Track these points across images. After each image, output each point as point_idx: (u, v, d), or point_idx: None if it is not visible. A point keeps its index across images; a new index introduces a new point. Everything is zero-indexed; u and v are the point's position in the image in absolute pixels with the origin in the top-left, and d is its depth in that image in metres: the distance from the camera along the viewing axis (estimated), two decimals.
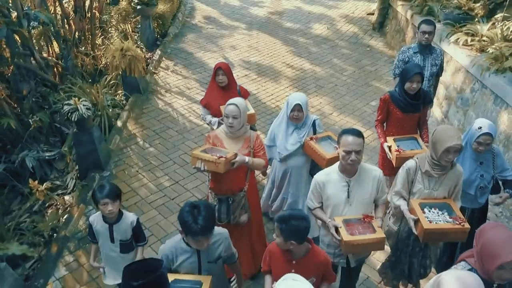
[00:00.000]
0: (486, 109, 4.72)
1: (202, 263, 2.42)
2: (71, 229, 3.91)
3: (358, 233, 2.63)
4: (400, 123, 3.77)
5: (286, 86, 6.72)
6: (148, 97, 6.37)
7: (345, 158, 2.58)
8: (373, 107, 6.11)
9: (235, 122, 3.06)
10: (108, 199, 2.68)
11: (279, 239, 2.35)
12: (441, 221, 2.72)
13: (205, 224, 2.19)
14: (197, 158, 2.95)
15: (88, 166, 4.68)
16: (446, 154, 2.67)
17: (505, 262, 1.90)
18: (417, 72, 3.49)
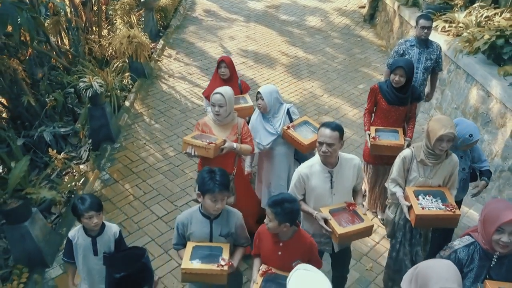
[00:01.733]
0: (459, 87, 5.23)
1: (213, 234, 2.53)
2: (87, 189, 4.42)
3: (346, 223, 2.68)
4: (385, 114, 3.84)
5: (281, 72, 7.23)
6: (153, 81, 6.87)
7: (318, 148, 2.67)
8: (361, 90, 6.62)
9: (221, 110, 3.17)
10: (93, 212, 2.54)
11: (273, 223, 2.36)
12: (433, 207, 2.78)
13: (222, 180, 2.37)
14: (188, 144, 3.09)
15: (100, 139, 5.18)
16: (439, 143, 2.74)
17: (504, 222, 2.00)
18: (399, 66, 3.59)
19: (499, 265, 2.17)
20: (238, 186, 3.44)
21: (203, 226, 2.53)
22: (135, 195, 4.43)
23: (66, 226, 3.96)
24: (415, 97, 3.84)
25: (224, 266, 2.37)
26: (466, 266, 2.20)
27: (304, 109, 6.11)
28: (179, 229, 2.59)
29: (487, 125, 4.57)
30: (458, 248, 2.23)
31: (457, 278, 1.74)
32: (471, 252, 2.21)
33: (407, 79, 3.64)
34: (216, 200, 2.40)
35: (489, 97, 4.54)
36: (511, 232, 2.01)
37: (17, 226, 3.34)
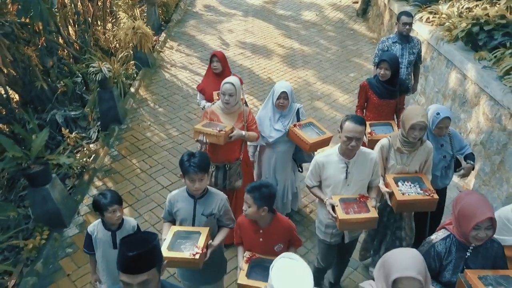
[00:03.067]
0: (440, 72, 5.65)
1: (196, 213, 2.64)
2: (98, 164, 4.84)
3: (353, 212, 2.72)
4: (377, 108, 3.96)
5: (277, 62, 7.65)
6: (156, 70, 7.29)
7: (346, 143, 2.66)
8: (352, 77, 7.04)
9: (231, 99, 3.32)
10: (116, 205, 2.63)
11: (252, 209, 2.43)
12: (413, 192, 2.90)
13: (198, 162, 2.47)
14: (199, 132, 3.23)
15: (108, 120, 5.60)
16: (412, 131, 2.86)
17: (480, 221, 2.08)
18: (383, 59, 3.75)
19: (475, 255, 2.26)
20: (244, 172, 3.58)
21: (188, 204, 2.64)
22: (142, 169, 4.86)
23: (80, 194, 4.39)
24: (403, 89, 3.99)
25: (196, 255, 2.42)
26: (445, 259, 2.28)
27: (298, 95, 6.53)
28: (167, 206, 2.73)
29: (464, 105, 4.99)
30: (436, 242, 2.30)
31: (418, 267, 1.78)
32: (448, 245, 2.29)
33: (393, 71, 3.76)
34: (193, 180, 2.50)
35: (466, 79, 4.96)
36: (487, 227, 2.12)
37: (39, 189, 3.76)
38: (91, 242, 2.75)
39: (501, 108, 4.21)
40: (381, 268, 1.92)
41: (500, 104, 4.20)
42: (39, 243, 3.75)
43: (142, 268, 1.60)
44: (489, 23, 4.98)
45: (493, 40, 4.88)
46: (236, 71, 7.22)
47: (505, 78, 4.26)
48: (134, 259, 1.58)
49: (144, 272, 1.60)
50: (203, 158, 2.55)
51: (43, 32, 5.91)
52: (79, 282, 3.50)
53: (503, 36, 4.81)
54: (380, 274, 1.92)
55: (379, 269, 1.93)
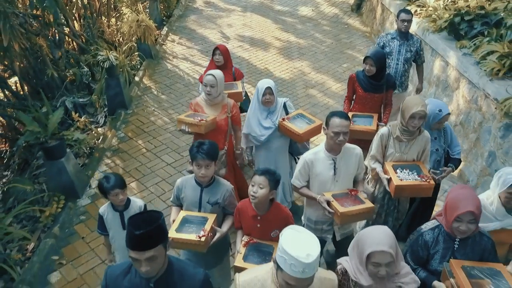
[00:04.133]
0: (426, 60, 6.00)
1: (202, 201, 2.73)
2: (107, 144, 5.22)
3: (349, 205, 2.77)
4: (362, 101, 4.06)
5: (274, 54, 8.02)
6: (159, 61, 7.66)
7: (334, 138, 2.74)
8: (344, 68, 7.42)
9: (212, 90, 3.43)
10: (118, 189, 2.73)
11: (264, 190, 2.48)
12: (410, 179, 3.00)
13: (206, 150, 2.60)
14: (182, 122, 3.39)
15: (115, 106, 5.97)
16: (412, 120, 2.94)
17: (461, 213, 2.15)
18: (367, 56, 3.86)
19: (463, 247, 2.31)
20: (229, 161, 3.70)
21: (194, 191, 2.73)
22: (147, 148, 5.23)
23: (91, 170, 4.78)
24: (390, 84, 4.05)
25: (202, 238, 2.51)
26: (432, 248, 2.36)
27: (293, 84, 6.92)
28: (175, 191, 2.83)
29: (446, 89, 5.37)
30: (424, 231, 2.39)
31: (389, 242, 1.93)
32: (436, 235, 2.36)
33: (378, 67, 3.85)
34: (200, 166, 2.60)
35: (448, 66, 5.35)
36: (469, 221, 2.18)
37: (55, 161, 4.14)
38: (103, 223, 2.86)
39: (477, 90, 4.59)
40: (355, 246, 2.07)
41: (477, 87, 4.58)
42: (56, 211, 4.13)
43: (149, 245, 1.70)
44: (470, 14, 5.36)
45: (473, 29, 5.26)
46: (235, 62, 7.54)
47: (481, 62, 4.64)
48: (141, 237, 1.67)
49: (151, 249, 1.70)
50: (212, 146, 2.65)
51: (54, 24, 6.28)
52: (92, 244, 3.88)
53: (482, 26, 5.19)
54: (355, 251, 2.07)
55: (353, 247, 2.09)
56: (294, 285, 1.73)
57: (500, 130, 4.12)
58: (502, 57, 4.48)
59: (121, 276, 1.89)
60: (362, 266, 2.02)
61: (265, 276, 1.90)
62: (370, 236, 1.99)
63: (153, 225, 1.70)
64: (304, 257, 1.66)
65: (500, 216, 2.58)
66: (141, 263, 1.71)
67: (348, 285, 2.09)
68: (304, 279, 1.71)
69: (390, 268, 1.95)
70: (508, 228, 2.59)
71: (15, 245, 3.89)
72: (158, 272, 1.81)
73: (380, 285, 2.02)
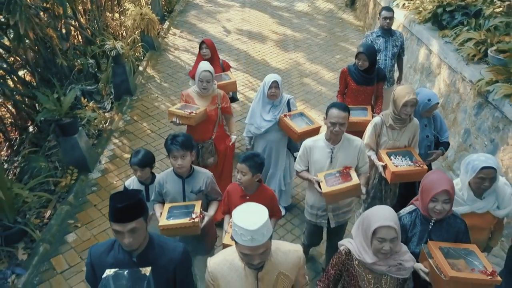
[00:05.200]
0: (412, 50, 6.43)
1: (185, 192, 2.81)
2: (114, 126, 5.62)
3: (336, 184, 2.87)
4: (355, 94, 4.21)
5: (271, 46, 8.43)
6: (161, 53, 8.07)
7: (330, 128, 2.86)
8: (337, 59, 7.83)
9: (208, 86, 3.60)
10: (137, 166, 2.95)
11: (247, 176, 2.67)
12: (404, 165, 3.17)
13: (179, 140, 2.69)
14: (173, 114, 3.52)
15: (121, 92, 6.38)
16: (404, 108, 3.11)
17: (437, 193, 2.26)
18: (360, 52, 4.01)
19: (438, 228, 2.41)
20: (219, 149, 3.85)
21: (177, 184, 2.81)
22: (151, 130, 5.64)
23: (101, 148, 5.20)
24: (380, 77, 4.23)
25: (196, 219, 2.60)
26: (410, 231, 2.46)
27: (288, 73, 7.32)
28: (156, 187, 2.87)
29: (429, 75, 5.78)
30: (402, 215, 2.50)
31: (394, 218, 2.08)
32: (413, 218, 2.46)
33: (370, 61, 4.01)
34: (176, 157, 2.70)
35: (431, 54, 5.75)
36: (444, 201, 2.29)
37: (69, 137, 4.55)
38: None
39: (456, 74, 4.99)
40: (360, 225, 2.19)
41: (455, 71, 4.98)
42: (70, 182, 4.53)
43: (130, 217, 1.81)
44: (451, 5, 5.77)
45: (454, 20, 5.66)
46: (233, 54, 8.03)
47: (459, 49, 5.05)
48: (123, 210, 1.79)
49: (132, 221, 1.81)
50: (185, 137, 2.75)
51: (63, 16, 6.68)
52: (104, 210, 4.29)
53: (462, 16, 5.60)
54: (359, 230, 2.19)
55: (358, 226, 2.22)
56: (250, 255, 1.83)
57: (474, 109, 4.52)
58: (478, 44, 4.88)
59: (104, 253, 1.99)
60: (367, 244, 2.14)
61: (233, 255, 2.01)
62: (376, 213, 2.11)
63: (134, 199, 1.83)
64: (250, 225, 1.77)
65: (469, 201, 2.68)
66: (124, 235, 1.83)
67: (351, 264, 2.22)
68: (255, 247, 1.80)
69: (393, 244, 2.07)
70: (478, 212, 2.69)
71: (33, 213, 4.29)
72: (140, 247, 1.93)
73: (383, 262, 2.14)
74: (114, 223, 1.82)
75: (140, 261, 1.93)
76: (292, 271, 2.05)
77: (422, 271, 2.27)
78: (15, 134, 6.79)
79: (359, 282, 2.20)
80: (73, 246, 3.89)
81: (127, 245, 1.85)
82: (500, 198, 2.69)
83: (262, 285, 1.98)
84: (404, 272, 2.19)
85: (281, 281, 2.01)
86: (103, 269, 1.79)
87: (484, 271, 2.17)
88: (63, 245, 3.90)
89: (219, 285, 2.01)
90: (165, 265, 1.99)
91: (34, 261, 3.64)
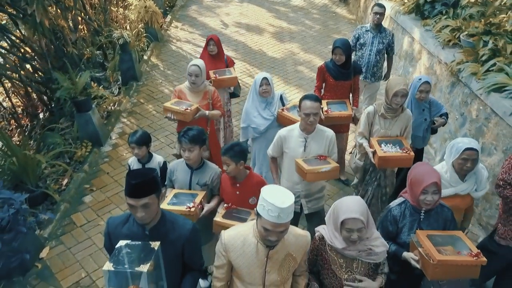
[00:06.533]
0: (398, 39, 6.92)
1: (192, 182, 2.97)
2: (123, 107, 6.14)
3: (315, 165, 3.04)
4: (333, 89, 4.29)
5: (268, 37, 8.94)
6: (164, 44, 8.58)
7: (305, 119, 3.01)
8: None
9: (197, 80, 3.69)
10: (135, 145, 3.15)
11: (232, 166, 2.80)
12: (392, 151, 3.32)
13: (190, 134, 2.83)
14: (168, 110, 3.63)
15: (128, 78, 6.88)
16: (395, 98, 3.24)
17: (427, 185, 2.36)
18: (336, 46, 4.10)
19: (427, 218, 2.51)
20: (211, 145, 3.99)
21: (185, 174, 2.97)
22: (156, 111, 6.15)
23: (111, 125, 5.70)
24: (356, 71, 4.36)
25: (192, 208, 2.72)
26: (400, 222, 2.56)
27: (284, 62, 7.82)
28: (168, 173, 3.07)
29: (412, 61, 6.29)
30: (392, 207, 2.60)
31: (361, 210, 2.14)
32: (403, 209, 2.56)
33: (346, 55, 4.10)
34: (184, 149, 2.85)
35: (413, 41, 6.26)
36: (433, 192, 2.40)
37: (83, 114, 5.06)
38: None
39: (433, 58, 5.50)
40: (331, 214, 2.27)
41: (433, 55, 5.49)
42: (84, 153, 5.04)
43: (143, 193, 1.91)
44: None
45: (435, 9, 6.16)
46: (232, 45, 8.53)
47: (437, 35, 5.55)
48: (137, 186, 1.90)
49: (145, 197, 1.92)
50: (197, 132, 2.89)
51: (74, 8, 7.17)
52: (116, 177, 4.80)
53: (441, 6, 6.09)
54: (331, 219, 2.28)
55: (329, 215, 2.29)
56: (271, 231, 1.95)
57: (448, 87, 5.03)
58: (453, 30, 5.39)
59: (120, 225, 2.12)
60: (337, 232, 2.22)
61: (247, 231, 2.15)
62: (344, 205, 2.19)
63: (148, 176, 1.95)
64: (279, 203, 1.90)
65: (454, 183, 2.84)
66: (137, 209, 1.94)
67: (325, 249, 2.33)
68: (279, 224, 1.93)
69: (361, 233, 2.15)
70: (461, 194, 2.86)
71: (52, 180, 4.79)
72: (152, 221, 2.04)
73: (353, 248, 2.23)
74: (129, 197, 1.94)
75: (152, 234, 2.06)
76: (299, 253, 2.20)
77: (412, 259, 2.39)
78: (26, 121, 7.29)
79: (332, 266, 2.30)
80: (90, 205, 4.39)
81: (140, 218, 1.97)
82: (478, 181, 2.90)
83: (271, 262, 2.12)
84: (376, 257, 2.27)
85: (288, 261, 2.16)
86: (118, 239, 2.00)
87: (470, 253, 2.27)
88: (81, 205, 4.40)
89: (230, 256, 2.14)
90: (174, 240, 2.10)
91: (57, 216, 4.14)
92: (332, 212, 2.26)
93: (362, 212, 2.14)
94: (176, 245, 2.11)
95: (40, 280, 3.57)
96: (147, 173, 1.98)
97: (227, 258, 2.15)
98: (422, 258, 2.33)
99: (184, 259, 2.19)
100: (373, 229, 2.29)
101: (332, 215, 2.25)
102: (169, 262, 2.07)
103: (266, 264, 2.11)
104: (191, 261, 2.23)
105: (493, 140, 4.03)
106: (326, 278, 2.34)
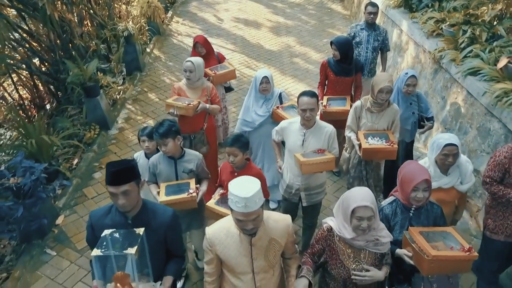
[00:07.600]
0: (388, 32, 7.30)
1: (178, 171, 3.04)
2: (128, 94, 6.52)
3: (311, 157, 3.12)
4: (334, 85, 4.40)
5: (265, 31, 9.31)
6: (166, 37, 8.95)
7: (302, 114, 3.09)
8: (325, 42, 8.70)
9: (191, 75, 3.76)
10: (145, 137, 3.28)
11: (239, 157, 2.89)
12: (378, 144, 3.42)
13: (160, 130, 2.89)
14: (171, 105, 3.71)
15: (132, 69, 7.25)
16: (380, 94, 3.38)
17: (418, 183, 2.39)
18: (331, 42, 4.31)
19: (418, 215, 2.56)
20: (209, 138, 4.08)
21: (169, 165, 3.04)
22: (159, 98, 6.53)
23: (117, 111, 6.08)
24: (358, 68, 4.44)
25: (193, 193, 2.86)
26: (392, 220, 2.59)
27: (280, 54, 8.20)
28: (150, 169, 3.09)
29: (400, 51, 6.66)
30: (383, 206, 2.64)
31: (371, 199, 2.20)
32: (394, 208, 2.60)
33: (341, 52, 4.20)
34: (159, 145, 2.95)
35: (402, 33, 6.64)
36: (424, 189, 2.43)
37: (92, 99, 5.43)
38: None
39: (419, 48, 5.88)
40: (340, 205, 2.32)
41: (419, 45, 5.87)
42: (93, 136, 5.41)
43: (123, 180, 2.00)
44: None
45: (422, 3, 6.54)
46: (231, 39, 8.91)
47: (423, 26, 5.93)
48: (116, 173, 1.99)
49: (125, 184, 2.00)
50: (165, 126, 2.93)
51: (81, 3, 7.54)
52: (122, 156, 5.18)
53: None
54: (340, 209, 2.32)
55: (338, 206, 2.35)
56: (243, 220, 2.02)
57: (431, 74, 5.41)
58: (437, 21, 5.77)
59: (103, 217, 2.19)
60: (346, 222, 2.27)
61: (229, 223, 2.20)
62: (355, 194, 2.24)
63: (126, 165, 2.04)
64: (244, 193, 1.96)
65: (436, 177, 2.90)
66: (118, 197, 2.02)
67: (333, 240, 2.38)
68: (248, 213, 1.99)
69: (371, 221, 2.20)
70: (444, 187, 2.93)
71: (64, 159, 5.16)
72: (134, 209, 2.12)
73: (361, 238, 2.27)
74: (109, 185, 2.02)
75: (134, 223, 2.13)
76: (282, 237, 2.25)
77: (406, 256, 2.43)
78: (33, 112, 7.65)
79: (340, 256, 2.35)
80: (100, 181, 4.77)
81: (121, 206, 2.05)
82: (463, 174, 2.95)
83: (255, 249, 2.18)
84: (382, 247, 2.33)
85: (272, 246, 2.22)
86: (102, 230, 2.04)
87: (462, 249, 2.33)
88: (91, 180, 4.78)
89: (216, 250, 2.20)
90: (156, 227, 2.19)
91: (70, 189, 4.51)
92: (342, 203, 2.31)
93: (372, 201, 2.20)
94: (159, 232, 2.20)
95: (57, 243, 3.94)
96: (125, 162, 2.10)
97: (214, 252, 2.22)
98: (416, 253, 2.37)
99: (167, 246, 2.30)
100: (378, 221, 2.35)
101: (342, 205, 2.31)
102: (153, 249, 2.14)
103: (251, 252, 2.18)
104: (173, 247, 2.33)
105: (468, 119, 4.42)
106: (334, 268, 2.39)
